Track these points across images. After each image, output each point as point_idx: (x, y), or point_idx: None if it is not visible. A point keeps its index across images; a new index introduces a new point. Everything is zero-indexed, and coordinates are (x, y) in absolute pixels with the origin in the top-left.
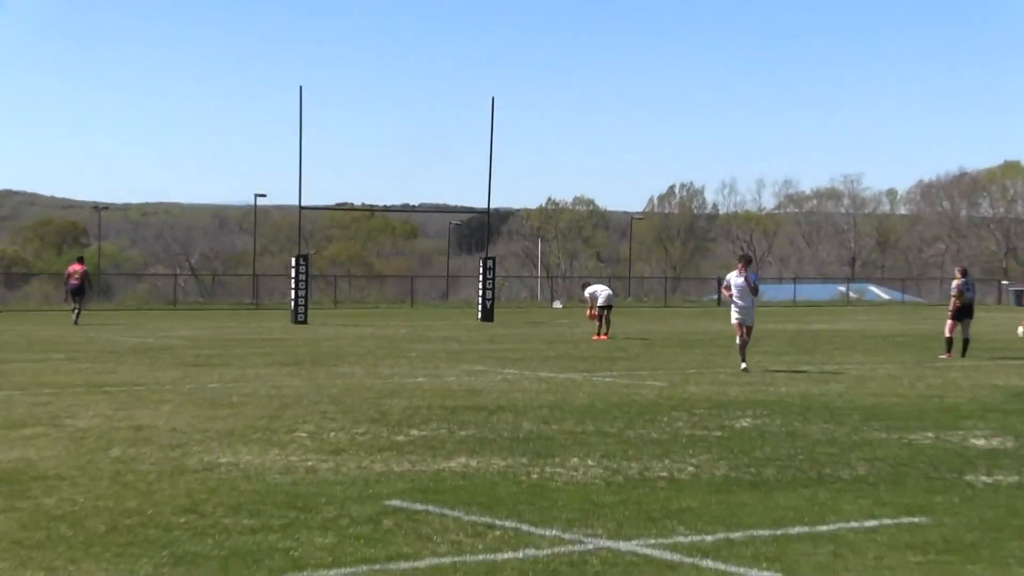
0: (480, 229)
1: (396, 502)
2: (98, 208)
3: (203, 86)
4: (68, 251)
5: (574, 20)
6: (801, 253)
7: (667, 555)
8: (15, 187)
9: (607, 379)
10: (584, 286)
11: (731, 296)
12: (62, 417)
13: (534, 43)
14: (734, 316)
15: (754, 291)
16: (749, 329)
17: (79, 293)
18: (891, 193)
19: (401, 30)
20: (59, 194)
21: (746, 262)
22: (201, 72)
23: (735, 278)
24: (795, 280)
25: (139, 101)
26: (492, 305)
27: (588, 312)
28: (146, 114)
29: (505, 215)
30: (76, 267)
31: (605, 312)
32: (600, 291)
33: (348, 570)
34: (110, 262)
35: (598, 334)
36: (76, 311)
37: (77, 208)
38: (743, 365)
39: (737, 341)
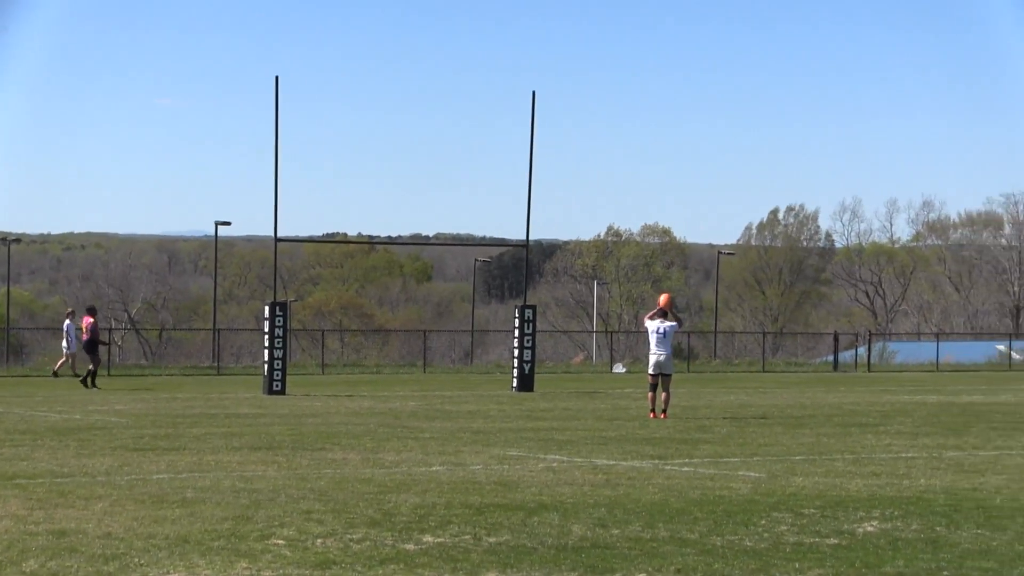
0: (515, 268)
1: None
2: (6, 241)
3: (145, 80)
4: None
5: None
6: (947, 300)
7: None
8: None
9: (685, 468)
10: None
11: None
12: None
13: (581, 30)
14: None
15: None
16: None
17: (91, 350)
18: None
19: (409, 17)
20: None
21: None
22: (145, 64)
23: None
24: (939, 336)
25: (60, 104)
26: (532, 369)
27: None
28: (71, 121)
29: (549, 250)
30: (86, 320)
31: (657, 380)
32: (651, 347)
33: None
34: (23, 311)
35: (652, 410)
36: (89, 372)
37: None
38: None
39: None
